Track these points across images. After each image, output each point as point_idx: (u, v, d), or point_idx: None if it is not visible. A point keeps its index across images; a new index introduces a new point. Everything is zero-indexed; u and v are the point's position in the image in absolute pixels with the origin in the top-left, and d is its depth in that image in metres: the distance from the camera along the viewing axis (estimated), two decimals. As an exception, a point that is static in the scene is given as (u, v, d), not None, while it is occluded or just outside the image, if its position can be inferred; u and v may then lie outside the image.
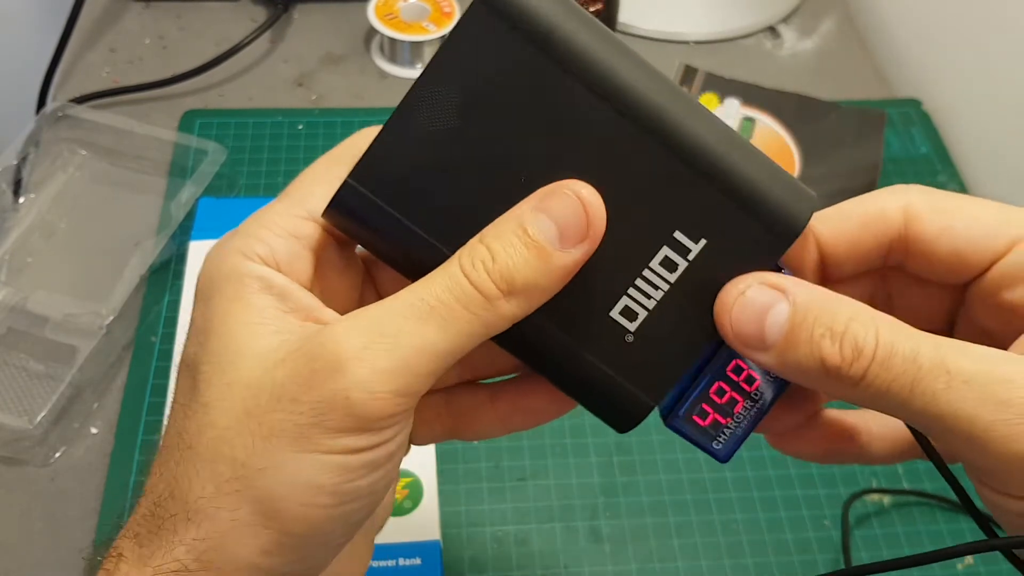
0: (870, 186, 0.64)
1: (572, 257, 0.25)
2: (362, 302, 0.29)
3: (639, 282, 0.27)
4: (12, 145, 0.60)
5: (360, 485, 0.26)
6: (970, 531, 0.50)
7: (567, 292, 0.26)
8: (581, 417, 0.53)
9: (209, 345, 0.26)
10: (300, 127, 0.66)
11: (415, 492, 0.47)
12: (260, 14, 0.74)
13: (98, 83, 0.68)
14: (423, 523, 0.46)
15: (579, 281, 0.26)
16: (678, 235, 0.27)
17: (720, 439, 0.29)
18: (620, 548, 0.49)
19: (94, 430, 0.51)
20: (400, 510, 0.46)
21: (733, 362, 0.29)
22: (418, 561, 0.45)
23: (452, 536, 0.48)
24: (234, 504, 0.25)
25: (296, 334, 0.26)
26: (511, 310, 0.25)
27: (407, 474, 0.48)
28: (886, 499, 0.50)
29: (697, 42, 0.76)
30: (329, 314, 0.27)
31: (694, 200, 0.26)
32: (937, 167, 0.67)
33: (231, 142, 0.64)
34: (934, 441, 0.28)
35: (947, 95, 0.71)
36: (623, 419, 0.29)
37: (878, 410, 0.26)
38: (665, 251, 0.27)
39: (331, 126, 0.66)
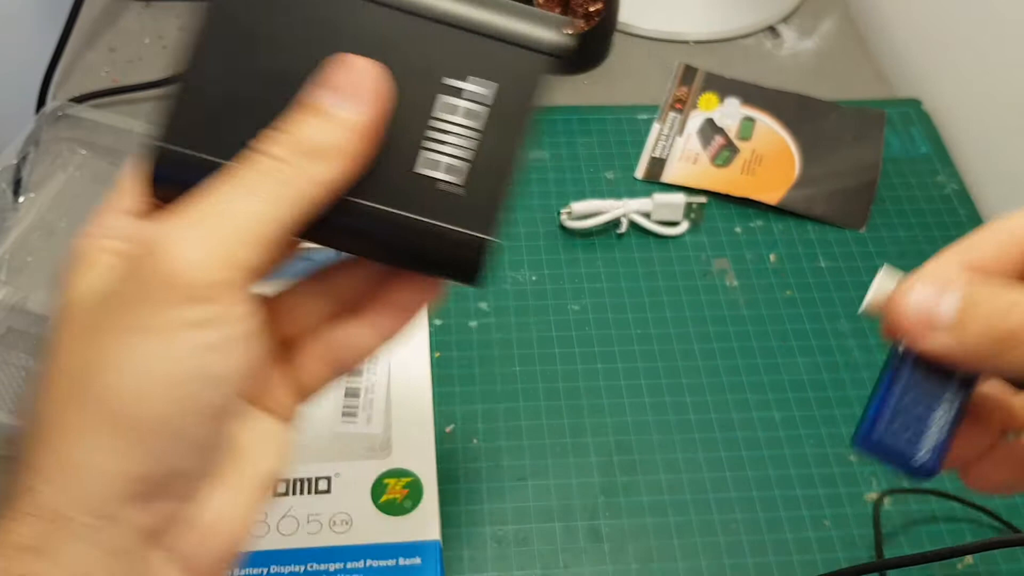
0: (870, 186, 0.64)
1: (356, 112, 0.26)
2: None
3: (431, 133, 0.29)
4: (12, 144, 0.60)
5: (201, 363, 0.25)
6: (970, 530, 0.50)
7: (370, 167, 0.28)
8: (581, 417, 0.54)
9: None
10: (300, 127, 0.66)
11: (415, 492, 0.47)
12: (260, 14, 0.74)
13: (98, 82, 0.68)
14: (423, 523, 0.46)
15: (378, 154, 0.28)
16: (449, 80, 0.29)
17: (920, 450, 0.29)
18: (620, 548, 0.48)
19: (94, 430, 0.51)
20: (400, 510, 0.46)
21: (916, 374, 0.29)
22: (418, 561, 0.45)
23: (452, 536, 0.48)
24: (73, 410, 0.25)
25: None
26: (315, 169, 0.26)
27: (407, 473, 0.48)
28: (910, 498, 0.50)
29: (697, 42, 0.76)
30: None
31: (449, 47, 0.29)
32: (937, 167, 0.67)
33: (231, 142, 0.64)
34: None
35: (947, 95, 0.72)
36: (466, 266, 0.29)
37: None
38: (444, 99, 0.28)
39: (331, 126, 0.66)
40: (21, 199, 0.59)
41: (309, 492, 0.46)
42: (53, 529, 0.24)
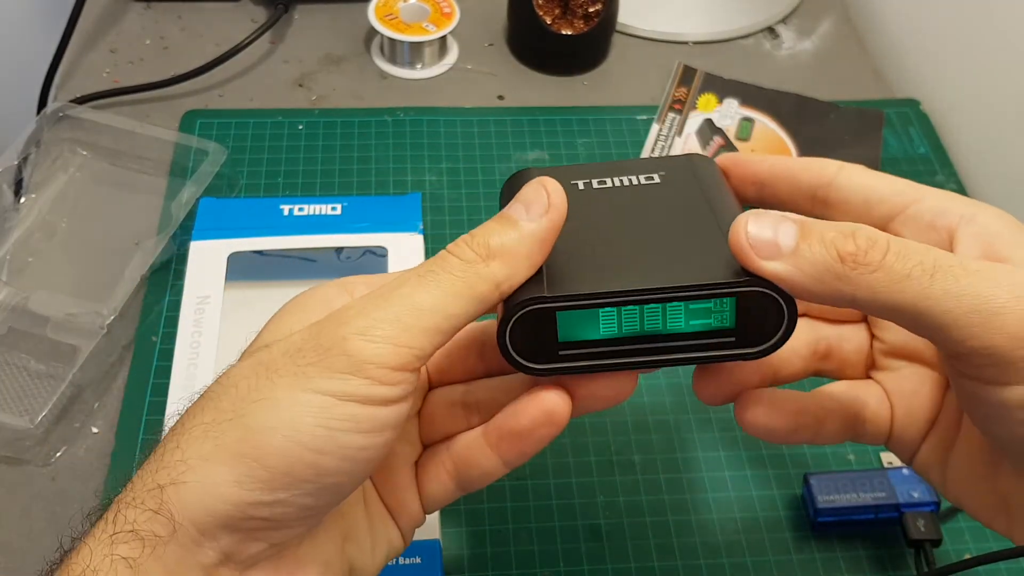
0: (869, 186, 0.64)
1: (539, 225, 0.30)
2: None
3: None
4: (13, 145, 0.60)
5: (341, 440, 0.28)
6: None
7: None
8: (581, 417, 0.54)
9: (254, 340, 0.32)
10: (300, 127, 0.66)
11: (415, 491, 0.47)
12: (260, 15, 0.74)
13: (99, 83, 0.68)
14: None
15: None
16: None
17: None
18: (620, 547, 0.49)
19: (95, 430, 0.51)
20: (400, 509, 0.47)
21: None
22: (418, 560, 0.45)
23: (452, 535, 0.48)
24: (224, 431, 0.27)
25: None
26: (492, 271, 0.29)
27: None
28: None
29: (696, 42, 0.76)
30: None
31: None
32: (935, 167, 0.68)
33: (231, 142, 0.65)
34: (940, 335, 0.29)
35: (946, 95, 0.72)
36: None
37: (887, 309, 0.27)
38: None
39: (331, 126, 0.67)
40: (22, 200, 0.59)
41: (310, 492, 0.47)
42: (168, 530, 0.27)
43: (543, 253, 0.30)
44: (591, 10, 0.70)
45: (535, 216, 0.30)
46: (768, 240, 0.28)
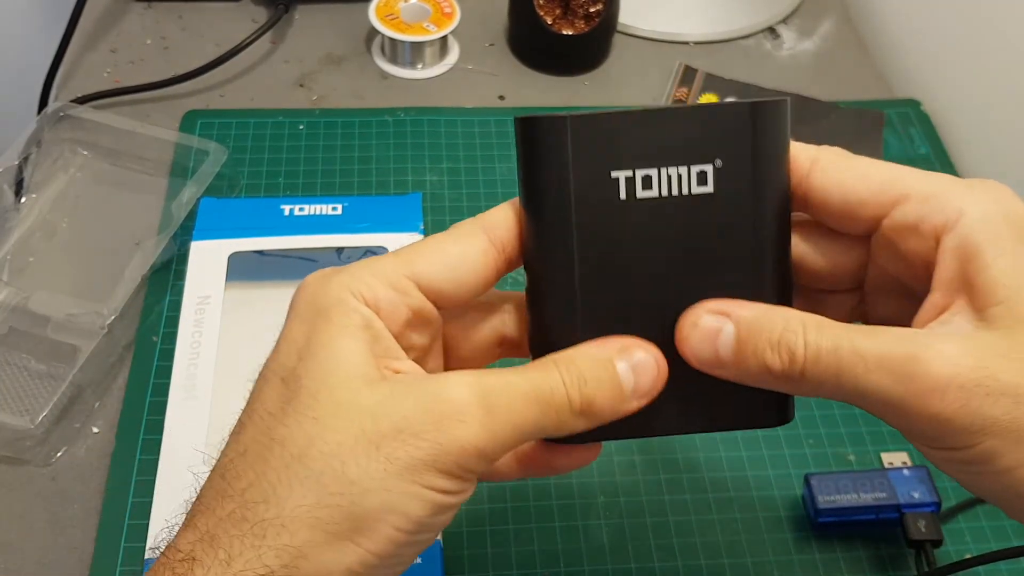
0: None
1: (635, 405, 0.30)
2: (429, 358, 0.33)
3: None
4: (14, 145, 0.60)
5: (436, 523, 0.29)
6: (969, 531, 0.50)
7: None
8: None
9: (313, 362, 0.29)
10: (301, 127, 0.66)
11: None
12: (261, 15, 0.74)
13: (99, 83, 0.68)
14: (423, 522, 0.46)
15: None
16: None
17: None
18: (620, 547, 0.49)
19: (95, 430, 0.51)
20: (400, 509, 0.47)
21: None
22: (418, 560, 0.45)
23: (452, 535, 0.48)
24: (335, 518, 0.27)
25: (407, 372, 0.30)
26: (578, 423, 0.30)
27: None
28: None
29: (697, 42, 0.76)
30: (407, 365, 0.30)
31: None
32: (936, 168, 0.67)
33: (232, 142, 0.65)
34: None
35: (947, 96, 0.72)
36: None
37: (828, 397, 0.30)
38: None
39: (332, 126, 0.67)
40: (23, 200, 0.59)
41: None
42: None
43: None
44: (592, 10, 0.70)
45: (639, 397, 0.30)
46: (708, 351, 0.30)
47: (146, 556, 0.46)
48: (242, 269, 0.56)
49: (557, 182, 0.30)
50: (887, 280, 0.33)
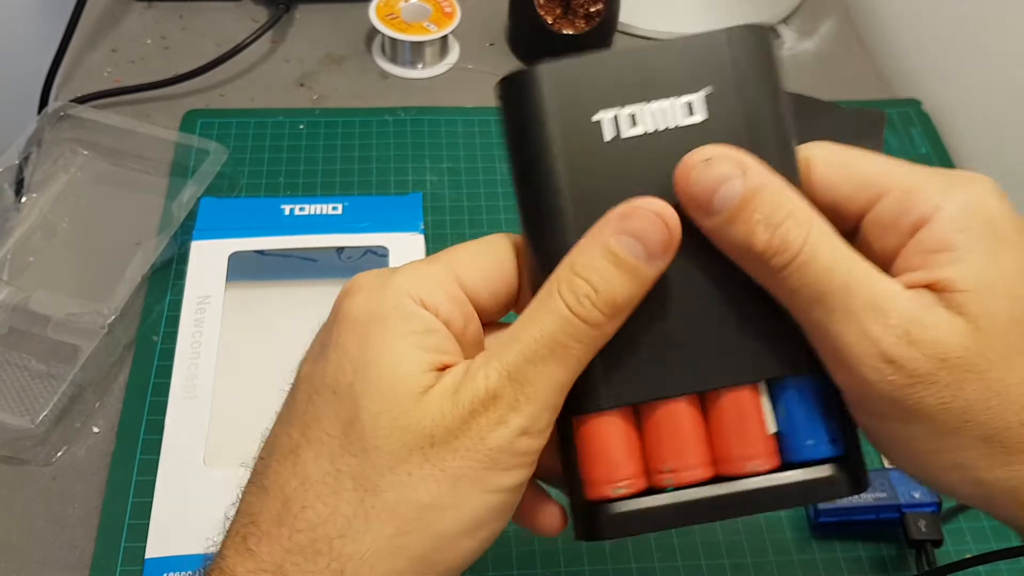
0: (870, 186, 0.64)
1: (659, 267, 0.28)
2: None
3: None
4: (14, 145, 0.60)
5: (503, 524, 0.29)
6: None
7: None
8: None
9: (371, 377, 0.28)
10: (301, 127, 0.66)
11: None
12: (261, 14, 0.74)
13: (100, 83, 0.68)
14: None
15: None
16: None
17: None
18: (620, 547, 0.49)
19: (96, 429, 0.51)
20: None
21: None
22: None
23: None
24: (415, 543, 0.27)
25: (446, 378, 0.28)
26: (613, 327, 0.28)
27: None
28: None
29: (697, 42, 0.76)
30: (463, 367, 0.28)
31: None
32: (937, 167, 0.67)
33: (232, 142, 0.65)
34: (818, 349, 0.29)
35: (947, 95, 0.72)
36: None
37: (784, 299, 0.28)
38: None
39: (332, 126, 0.67)
40: (23, 199, 0.59)
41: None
42: None
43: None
44: (592, 10, 0.70)
45: (656, 258, 0.27)
46: (706, 192, 0.27)
47: (147, 556, 0.46)
48: (242, 269, 0.56)
49: (537, 134, 0.29)
50: None
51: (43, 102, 0.66)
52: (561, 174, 0.28)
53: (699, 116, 0.28)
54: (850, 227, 0.31)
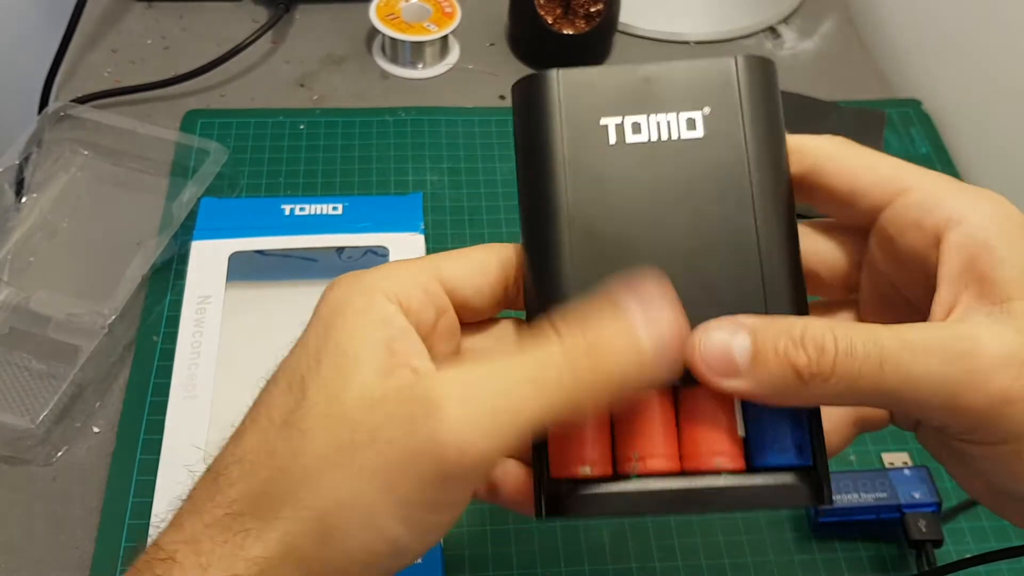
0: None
1: (663, 374, 0.27)
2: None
3: None
4: (14, 145, 0.60)
5: (421, 544, 0.27)
6: (970, 530, 0.50)
7: None
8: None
9: (321, 369, 0.27)
10: (302, 127, 0.66)
11: (416, 491, 0.47)
12: (262, 14, 0.74)
13: (100, 83, 0.68)
14: (424, 522, 0.46)
15: None
16: None
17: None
18: (620, 547, 0.49)
19: (96, 429, 0.51)
20: (401, 509, 0.47)
21: None
22: (419, 560, 0.45)
23: (453, 535, 0.48)
24: (305, 533, 0.26)
25: (395, 377, 0.27)
26: (597, 383, 0.27)
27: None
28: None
29: (698, 42, 0.76)
30: (426, 365, 0.28)
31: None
32: (937, 167, 0.67)
33: (233, 142, 0.65)
34: (904, 415, 0.30)
35: (947, 95, 0.72)
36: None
37: (852, 402, 0.28)
38: None
39: (332, 126, 0.67)
40: (23, 199, 0.59)
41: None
42: None
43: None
44: (592, 10, 0.70)
45: (662, 362, 0.27)
46: (722, 359, 0.27)
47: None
48: (243, 269, 0.56)
49: (547, 129, 0.30)
50: (881, 285, 0.32)
51: (43, 102, 0.66)
52: (564, 166, 0.30)
53: (699, 132, 0.30)
54: (866, 218, 0.31)
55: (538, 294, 0.30)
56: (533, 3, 0.69)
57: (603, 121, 0.30)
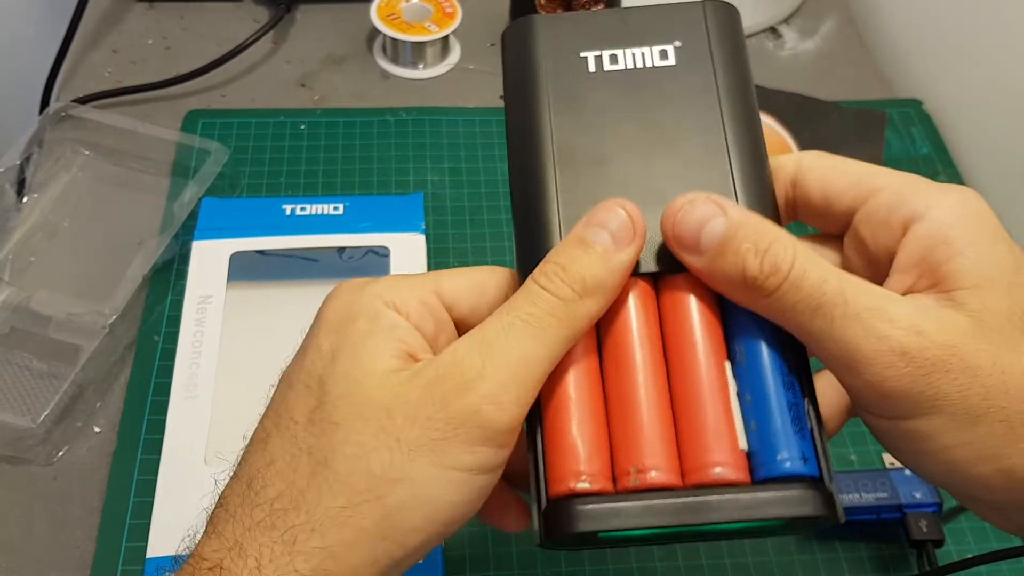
0: (871, 186, 0.64)
1: (628, 255, 0.29)
2: None
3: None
4: (16, 145, 0.60)
5: (472, 508, 0.29)
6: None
7: None
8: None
9: (337, 367, 0.29)
10: (302, 127, 0.66)
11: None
12: (262, 15, 0.74)
13: (101, 83, 0.68)
14: (425, 522, 0.46)
15: None
16: None
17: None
18: (621, 547, 0.49)
19: (97, 429, 0.51)
20: (402, 509, 0.47)
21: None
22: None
23: (453, 535, 0.48)
24: (365, 514, 0.27)
25: (414, 363, 0.29)
26: (588, 308, 0.29)
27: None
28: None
29: (698, 43, 0.76)
30: (430, 356, 0.30)
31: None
32: (938, 167, 0.67)
33: (234, 142, 0.65)
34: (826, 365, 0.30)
35: (948, 95, 0.72)
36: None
37: (782, 321, 0.28)
38: None
39: (333, 126, 0.67)
40: (24, 199, 0.59)
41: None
42: None
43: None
44: (593, 10, 0.70)
45: (622, 245, 0.29)
46: (691, 233, 0.29)
47: (148, 555, 0.46)
48: (243, 269, 0.56)
49: (531, 60, 0.33)
50: None
51: (44, 102, 0.66)
52: (548, 93, 0.32)
53: (671, 61, 0.33)
54: (842, 223, 0.32)
55: (527, 224, 0.31)
56: (534, 3, 0.69)
57: (583, 54, 0.33)
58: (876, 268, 0.31)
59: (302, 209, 0.58)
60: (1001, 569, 0.49)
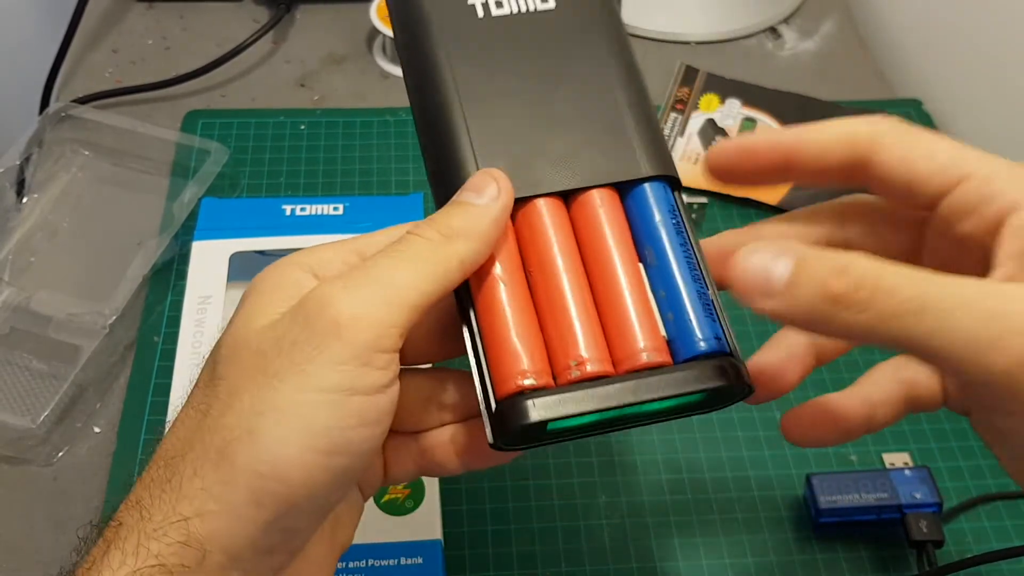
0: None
1: (493, 205, 0.31)
2: None
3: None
4: (15, 145, 0.60)
5: (350, 437, 0.28)
6: None
7: None
8: (582, 417, 0.54)
9: (229, 330, 0.30)
10: (302, 127, 0.66)
11: (417, 491, 0.47)
12: (262, 15, 0.74)
13: (101, 83, 0.68)
14: (424, 522, 0.46)
15: None
16: None
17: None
18: (621, 547, 0.49)
19: (97, 429, 0.51)
20: (402, 509, 0.47)
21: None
22: (419, 560, 0.45)
23: (453, 535, 0.48)
24: (236, 451, 0.27)
25: (292, 301, 0.30)
26: (456, 248, 0.30)
27: (409, 473, 0.48)
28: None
29: (698, 42, 0.76)
30: None
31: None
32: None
33: (233, 142, 0.65)
34: (939, 366, 0.29)
35: (948, 95, 0.72)
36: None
37: (878, 341, 0.27)
38: None
39: (333, 126, 0.67)
40: (24, 200, 0.59)
41: (311, 492, 0.47)
42: (197, 559, 0.27)
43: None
44: (593, 10, 0.70)
45: (488, 200, 0.31)
46: (761, 279, 0.27)
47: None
48: (243, 269, 0.56)
49: (421, 12, 0.35)
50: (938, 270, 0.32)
51: (44, 102, 0.66)
52: (442, 38, 0.35)
53: (551, 4, 0.36)
54: (925, 208, 0.30)
55: (441, 161, 0.33)
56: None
57: (470, 2, 0.35)
58: (962, 253, 0.30)
59: (302, 209, 0.58)
60: (1001, 569, 0.49)
